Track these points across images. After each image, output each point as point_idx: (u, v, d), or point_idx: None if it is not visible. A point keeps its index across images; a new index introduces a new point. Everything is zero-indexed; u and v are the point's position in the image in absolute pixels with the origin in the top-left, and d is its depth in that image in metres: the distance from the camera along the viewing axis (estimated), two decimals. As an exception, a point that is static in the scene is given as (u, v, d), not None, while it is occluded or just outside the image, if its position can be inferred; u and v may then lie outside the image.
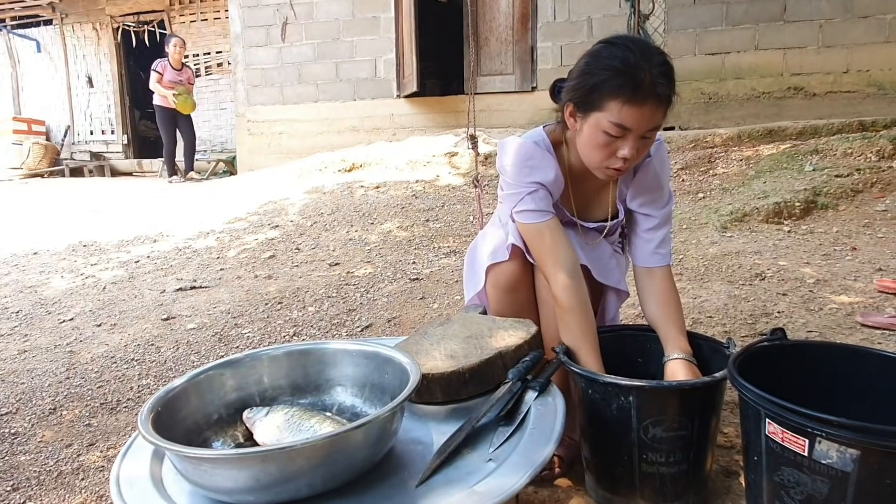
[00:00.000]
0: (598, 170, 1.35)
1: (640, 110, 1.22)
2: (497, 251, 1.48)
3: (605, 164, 1.31)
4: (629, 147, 1.26)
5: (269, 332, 2.61)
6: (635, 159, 1.31)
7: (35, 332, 2.83)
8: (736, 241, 3.32)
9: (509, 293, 1.48)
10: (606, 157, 1.29)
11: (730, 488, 1.37)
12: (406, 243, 3.94)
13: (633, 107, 1.21)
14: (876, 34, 5.59)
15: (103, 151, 11.79)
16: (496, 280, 1.48)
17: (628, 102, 1.21)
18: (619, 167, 1.30)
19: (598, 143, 1.28)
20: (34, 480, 1.64)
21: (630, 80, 1.21)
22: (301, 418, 1.07)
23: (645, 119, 1.23)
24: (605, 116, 1.24)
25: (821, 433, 0.93)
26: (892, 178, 3.82)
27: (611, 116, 1.23)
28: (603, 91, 1.24)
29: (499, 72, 7.07)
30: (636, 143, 1.26)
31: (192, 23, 10.90)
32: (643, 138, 1.27)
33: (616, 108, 1.22)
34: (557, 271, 1.35)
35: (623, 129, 1.24)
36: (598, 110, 1.25)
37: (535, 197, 1.38)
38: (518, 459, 0.97)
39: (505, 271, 1.47)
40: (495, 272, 1.48)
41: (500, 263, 1.46)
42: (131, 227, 5.18)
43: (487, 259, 1.49)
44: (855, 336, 2.09)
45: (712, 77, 6.17)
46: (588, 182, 1.46)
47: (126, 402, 2.09)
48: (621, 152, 1.27)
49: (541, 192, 1.39)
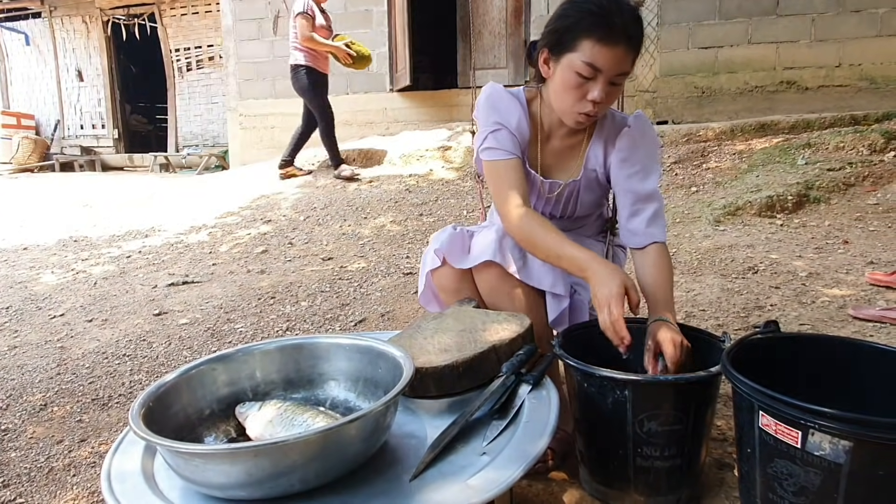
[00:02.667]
0: (568, 115, 1.38)
1: (613, 51, 1.26)
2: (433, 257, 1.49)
3: (575, 108, 1.35)
4: (599, 89, 1.30)
5: (262, 327, 2.60)
6: (604, 105, 1.34)
7: (25, 327, 2.81)
8: (729, 234, 3.33)
9: (454, 294, 1.48)
10: (577, 99, 1.33)
11: (723, 480, 1.37)
12: (399, 238, 3.93)
13: (606, 47, 1.26)
14: (868, 28, 5.61)
15: (94, 146, 11.71)
16: (439, 283, 1.50)
17: (600, 41, 1.26)
18: (588, 111, 1.34)
19: (570, 84, 1.32)
20: (25, 477, 1.63)
21: (604, 20, 1.26)
22: (294, 413, 1.06)
23: (616, 61, 1.28)
24: (577, 56, 1.29)
25: (814, 425, 0.94)
26: (883, 172, 3.84)
27: (583, 56, 1.28)
28: (577, 31, 1.28)
29: (492, 66, 7.05)
30: (606, 86, 1.30)
31: (183, 16, 10.81)
32: (612, 84, 1.31)
33: (589, 48, 1.27)
34: (509, 201, 1.38)
35: (594, 70, 1.28)
36: (572, 51, 1.30)
37: (497, 136, 1.42)
38: (512, 453, 0.97)
39: (441, 276, 1.48)
40: (436, 276, 1.49)
41: (436, 269, 1.47)
42: (122, 222, 5.14)
43: (429, 263, 1.49)
44: (847, 329, 2.10)
45: (705, 71, 6.18)
46: (557, 141, 1.50)
47: (118, 397, 2.07)
48: (591, 95, 1.31)
49: (503, 133, 1.42)
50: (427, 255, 1.52)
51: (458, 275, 1.46)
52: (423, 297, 1.59)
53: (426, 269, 1.51)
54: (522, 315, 1.35)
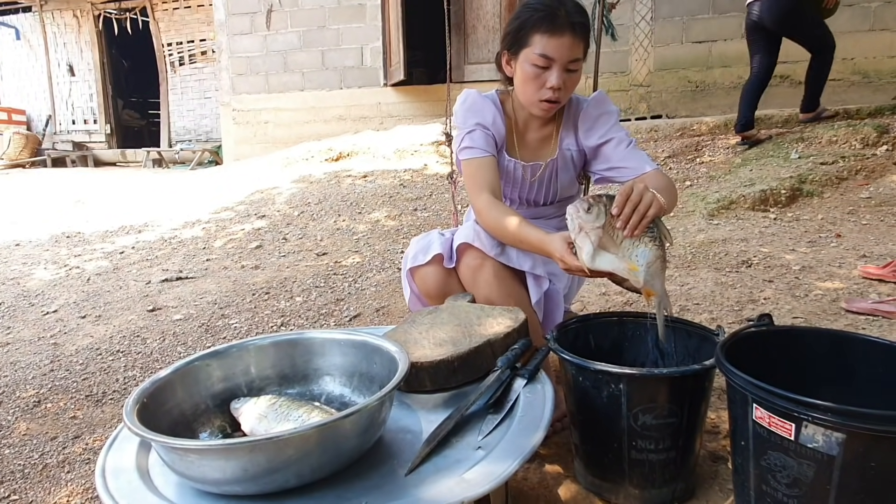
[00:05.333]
0: (533, 105, 1.51)
1: (560, 40, 1.42)
2: (419, 253, 1.55)
3: (536, 96, 1.48)
4: (555, 76, 1.44)
5: (257, 323, 2.59)
6: (564, 92, 1.47)
7: (18, 324, 2.79)
8: (722, 228, 3.34)
9: (439, 299, 1.54)
10: (537, 88, 1.47)
11: (717, 473, 1.38)
12: (394, 233, 3.92)
13: (554, 37, 1.42)
14: (861, 22, 5.62)
15: (86, 141, 11.63)
16: (422, 283, 1.57)
17: (548, 33, 1.42)
18: (549, 98, 1.47)
19: (529, 76, 1.47)
20: (18, 474, 1.63)
21: (549, 15, 1.42)
22: (289, 408, 1.06)
23: (565, 48, 1.42)
24: (531, 50, 1.45)
25: (807, 417, 0.94)
26: (876, 166, 3.85)
27: (536, 49, 1.44)
28: (527, 28, 1.45)
29: (486, 60, 7.04)
30: (562, 73, 1.44)
31: (175, 10, 10.73)
32: (568, 71, 1.45)
33: (539, 41, 1.43)
34: (479, 195, 1.49)
35: (547, 59, 1.43)
36: (526, 46, 1.46)
37: (473, 136, 1.55)
38: (507, 447, 0.97)
39: (427, 274, 1.55)
40: (419, 275, 1.57)
41: (420, 267, 1.55)
42: (115, 217, 5.12)
43: (409, 261, 1.57)
44: (840, 322, 2.11)
45: (699, 65, 6.18)
46: (532, 133, 1.63)
47: (112, 393, 2.07)
48: (549, 82, 1.45)
49: (478, 133, 1.55)
50: (405, 259, 1.61)
51: (443, 277, 1.54)
52: (411, 304, 1.67)
53: (405, 268, 1.60)
54: (517, 309, 1.36)
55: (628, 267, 1.19)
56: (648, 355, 1.47)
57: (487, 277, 1.47)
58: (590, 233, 1.18)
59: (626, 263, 1.19)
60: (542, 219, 1.68)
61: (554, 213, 1.70)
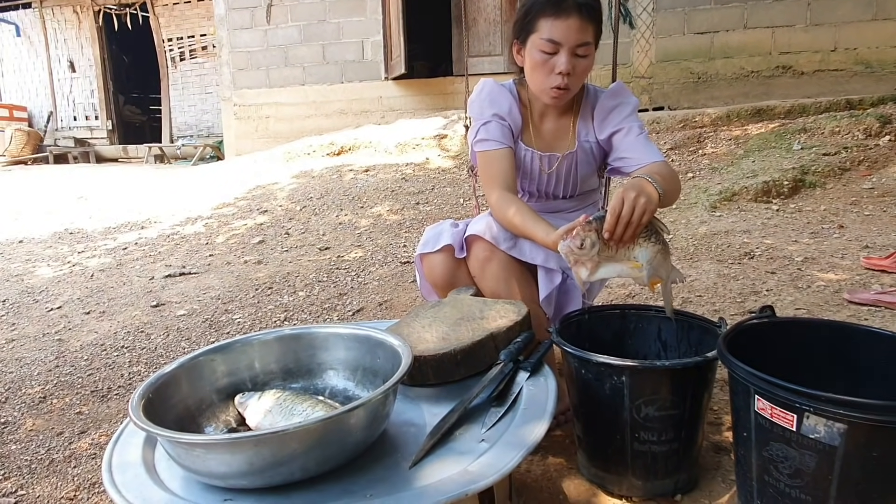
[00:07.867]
0: (543, 93, 1.48)
1: (566, 23, 1.39)
2: (430, 241, 1.54)
3: (546, 83, 1.45)
4: (564, 61, 1.41)
5: (260, 318, 2.60)
6: (574, 78, 1.44)
7: (22, 320, 2.80)
8: (725, 220, 3.33)
9: (446, 289, 1.54)
10: (546, 74, 1.44)
11: (720, 464, 1.39)
12: (396, 227, 3.92)
13: (559, 20, 1.39)
14: (863, 12, 5.59)
15: (87, 137, 11.63)
16: (429, 271, 1.56)
17: (553, 17, 1.40)
18: (559, 84, 1.43)
19: (538, 62, 1.44)
20: (26, 469, 1.64)
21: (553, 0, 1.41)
22: (293, 402, 1.07)
23: (572, 32, 1.39)
24: (538, 36, 1.43)
25: (809, 408, 0.94)
26: (878, 157, 3.84)
27: (542, 34, 1.42)
28: (533, 14, 1.43)
29: (487, 53, 7.01)
30: (571, 58, 1.41)
31: (175, 5, 10.71)
32: (577, 56, 1.42)
33: (545, 26, 1.41)
34: (493, 189, 1.48)
35: (555, 44, 1.41)
36: (533, 32, 1.44)
37: (488, 127, 1.53)
38: (511, 439, 0.98)
39: (435, 263, 1.54)
40: (427, 262, 1.55)
41: (429, 254, 1.54)
42: (118, 213, 5.13)
43: (420, 247, 1.56)
44: (842, 313, 2.11)
45: (701, 56, 6.15)
46: (549, 122, 1.60)
47: (117, 389, 2.08)
48: (558, 67, 1.42)
49: (494, 124, 1.53)
50: (419, 245, 1.59)
51: (451, 268, 1.52)
52: (423, 288, 1.66)
53: (418, 253, 1.58)
54: (520, 303, 1.36)
55: (630, 267, 1.20)
56: (651, 347, 1.48)
57: (496, 270, 1.46)
58: (586, 262, 1.20)
59: (627, 266, 1.21)
60: (561, 212, 1.65)
61: (573, 207, 1.67)
